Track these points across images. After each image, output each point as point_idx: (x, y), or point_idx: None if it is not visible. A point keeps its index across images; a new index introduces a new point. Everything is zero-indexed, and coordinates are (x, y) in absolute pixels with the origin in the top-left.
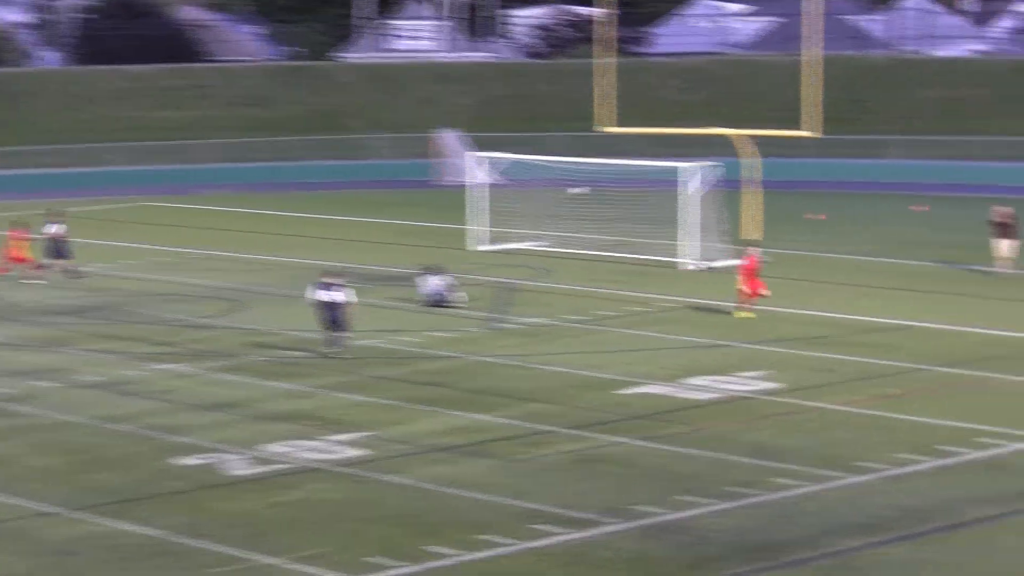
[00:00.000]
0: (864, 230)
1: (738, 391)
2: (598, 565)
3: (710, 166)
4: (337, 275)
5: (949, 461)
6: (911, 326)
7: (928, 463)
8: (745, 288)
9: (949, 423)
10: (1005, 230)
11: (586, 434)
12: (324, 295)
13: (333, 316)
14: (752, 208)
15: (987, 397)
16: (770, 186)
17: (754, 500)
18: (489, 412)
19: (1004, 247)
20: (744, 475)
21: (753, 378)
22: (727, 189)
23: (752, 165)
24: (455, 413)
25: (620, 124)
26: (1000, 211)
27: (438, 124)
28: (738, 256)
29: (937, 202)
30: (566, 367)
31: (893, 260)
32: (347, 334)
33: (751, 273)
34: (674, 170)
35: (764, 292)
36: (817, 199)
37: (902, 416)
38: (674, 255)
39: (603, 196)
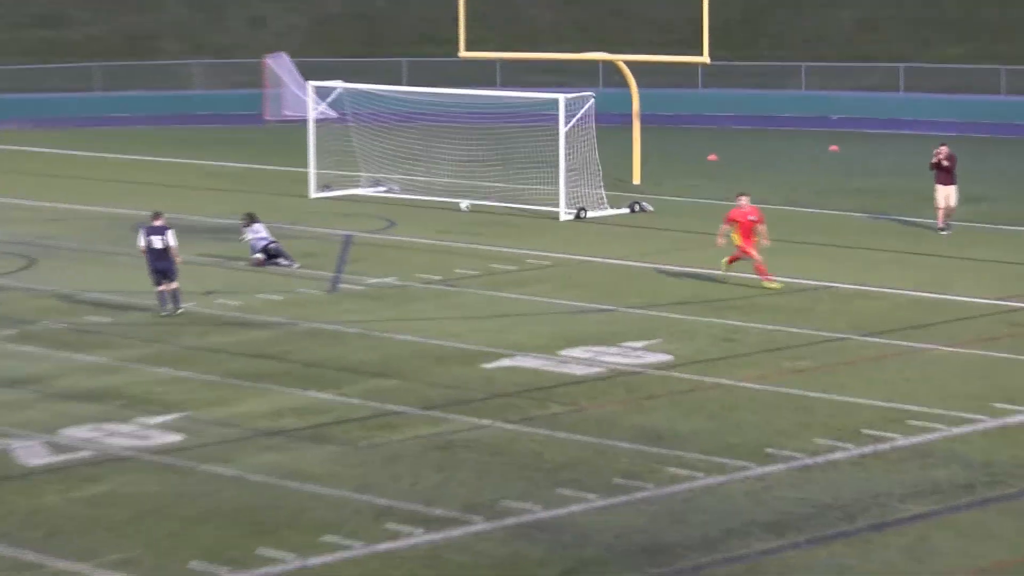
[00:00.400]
0: (768, 174)
1: (624, 365)
2: (459, 570)
3: (583, 96)
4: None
5: (874, 448)
6: (828, 288)
7: (849, 451)
8: (745, 248)
9: (874, 403)
10: (949, 175)
11: (445, 416)
12: (157, 241)
13: (166, 266)
14: (636, 148)
15: (918, 372)
16: (656, 121)
17: (643, 495)
18: (329, 389)
19: (950, 196)
20: (632, 465)
21: (642, 349)
22: (610, 125)
23: (635, 96)
24: (289, 391)
25: (481, 48)
26: (944, 152)
27: (269, 48)
28: (740, 206)
29: (852, 140)
30: (420, 336)
31: (805, 209)
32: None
33: (749, 228)
34: (544, 102)
35: (752, 253)
36: (711, 137)
37: (818, 394)
38: (547, 203)
39: (462, 134)
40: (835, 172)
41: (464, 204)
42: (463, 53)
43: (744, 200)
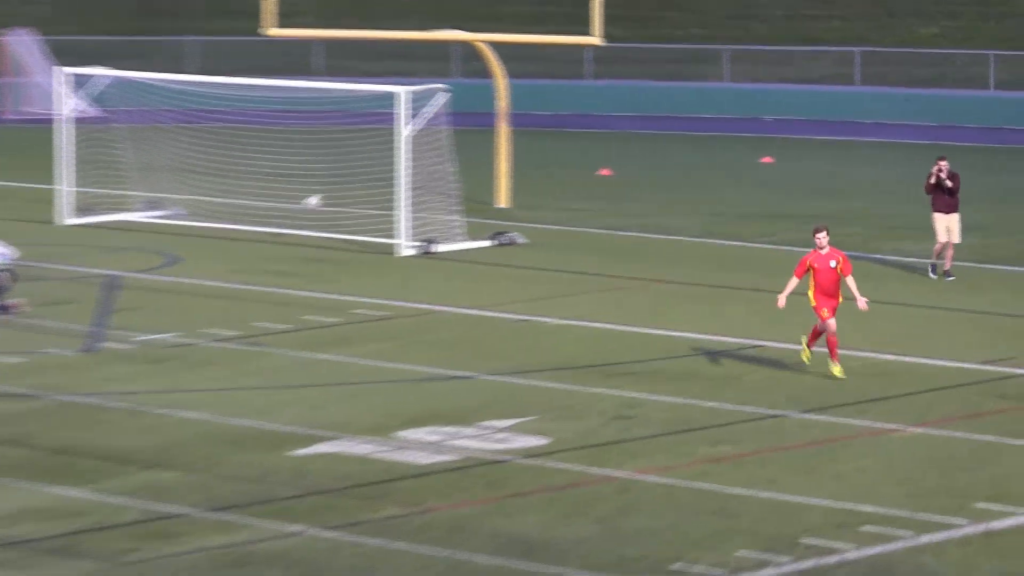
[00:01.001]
0: (680, 195)
1: (485, 451)
2: None
3: (432, 90)
4: None
5: (816, 562)
6: (760, 348)
7: (784, 566)
8: (818, 309)
9: (817, 502)
10: (951, 199)
11: (242, 520)
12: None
13: None
14: (503, 159)
15: (877, 461)
16: (530, 123)
17: None
18: (85, 485)
19: (953, 227)
20: None
21: (508, 430)
22: (469, 127)
23: (502, 89)
24: (30, 487)
25: (295, 24)
26: (946, 168)
27: (5, 23)
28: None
29: (793, 149)
30: (210, 412)
31: (729, 243)
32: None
33: (832, 283)
34: (379, 97)
35: (825, 315)
36: (603, 145)
37: (744, 491)
38: (383, 232)
39: (270, 139)
40: (770, 191)
41: (313, 200)
42: (271, 31)
43: (823, 237)
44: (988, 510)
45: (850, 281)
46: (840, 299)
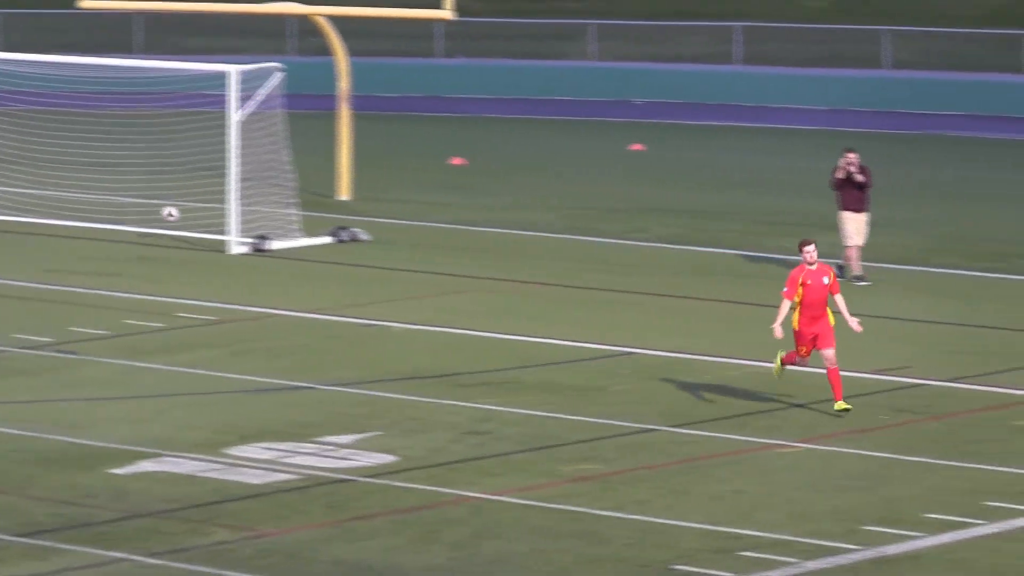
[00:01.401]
0: (541, 185)
1: (325, 470)
2: None
3: (266, 69)
4: None
5: None
6: (630, 356)
7: None
8: (808, 338)
9: (692, 526)
10: (862, 196)
11: (55, 546)
12: None
13: None
14: (345, 147)
15: (759, 481)
16: (375, 106)
17: None
18: None
19: (862, 227)
20: None
21: (351, 447)
22: (307, 111)
23: (344, 69)
24: None
25: None
26: (856, 162)
27: None
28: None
29: (665, 135)
30: (17, 427)
31: (595, 239)
32: None
33: (820, 302)
34: (206, 77)
35: (803, 353)
36: (455, 130)
37: (611, 514)
38: (212, 228)
39: (81, 123)
40: (640, 182)
41: (167, 211)
42: (84, 3)
43: (813, 252)
44: (879, 533)
45: (839, 300)
46: (829, 321)
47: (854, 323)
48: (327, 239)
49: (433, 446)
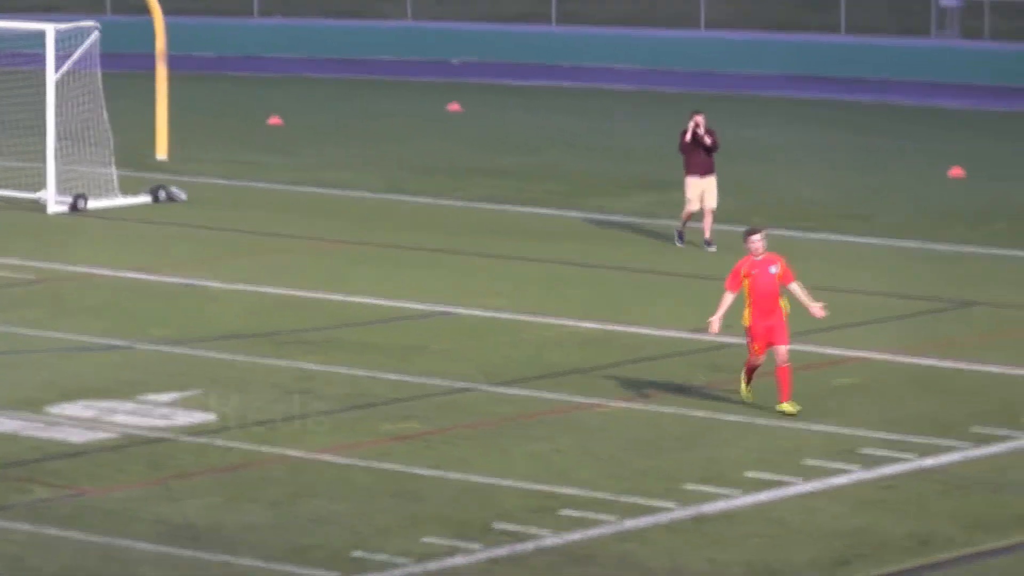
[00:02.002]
0: (360, 145)
1: (145, 428)
2: None
3: (83, 28)
4: None
5: (511, 549)
6: (448, 315)
7: (475, 553)
8: (760, 336)
9: (510, 484)
10: (708, 159)
11: None
12: None
13: None
14: (162, 106)
15: (577, 439)
16: (192, 66)
17: None
18: None
19: (708, 191)
20: None
21: (171, 405)
22: (123, 71)
23: (160, 28)
24: None
25: None
26: (704, 124)
27: None
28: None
29: (484, 95)
30: None
31: (414, 198)
32: None
33: (771, 296)
34: (22, 36)
35: (756, 350)
36: (271, 89)
37: (431, 472)
38: (28, 186)
39: None
40: (459, 142)
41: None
42: None
43: (758, 241)
44: (698, 492)
45: (795, 288)
46: (783, 315)
47: (816, 308)
48: (145, 198)
49: (253, 405)
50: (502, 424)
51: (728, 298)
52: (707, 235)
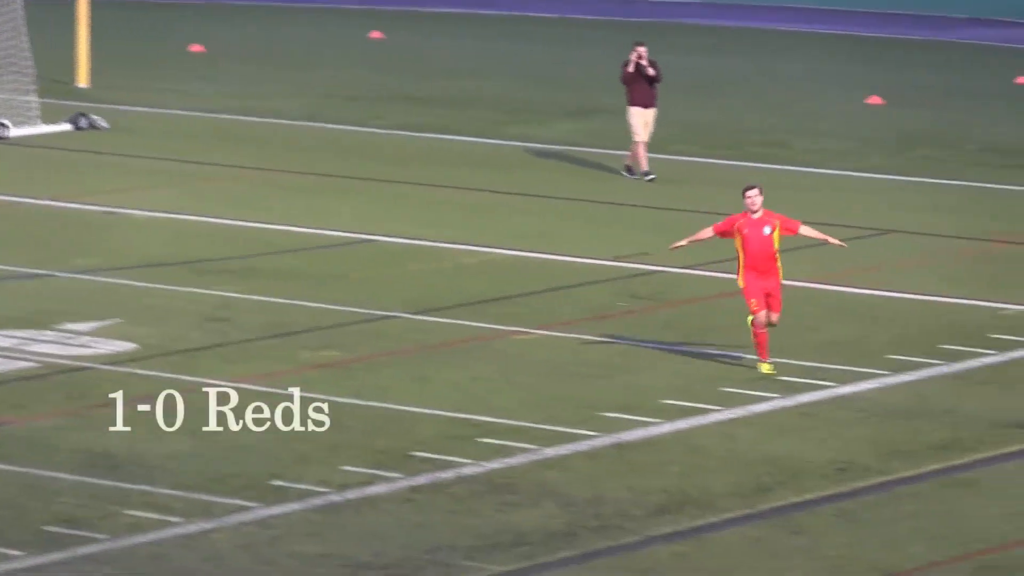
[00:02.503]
0: (280, 72)
1: (64, 358)
2: None
3: None
4: None
5: (431, 478)
6: (369, 243)
7: (396, 482)
8: (749, 293)
9: (430, 412)
10: (651, 90)
11: None
12: None
13: None
14: (83, 33)
15: (496, 367)
16: None
17: (90, 549)
18: None
19: (651, 122)
20: (76, 506)
21: (90, 335)
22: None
23: None
24: None
25: None
26: (646, 55)
27: None
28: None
29: (405, 24)
30: None
31: (336, 126)
32: None
33: (767, 256)
34: None
35: (754, 306)
36: (194, 17)
37: (350, 400)
38: None
39: None
40: (380, 70)
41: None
42: None
43: (753, 196)
44: (617, 420)
45: (807, 231)
46: (779, 276)
47: (835, 241)
48: (66, 126)
49: (173, 333)
50: (422, 352)
51: (706, 233)
52: (644, 167)
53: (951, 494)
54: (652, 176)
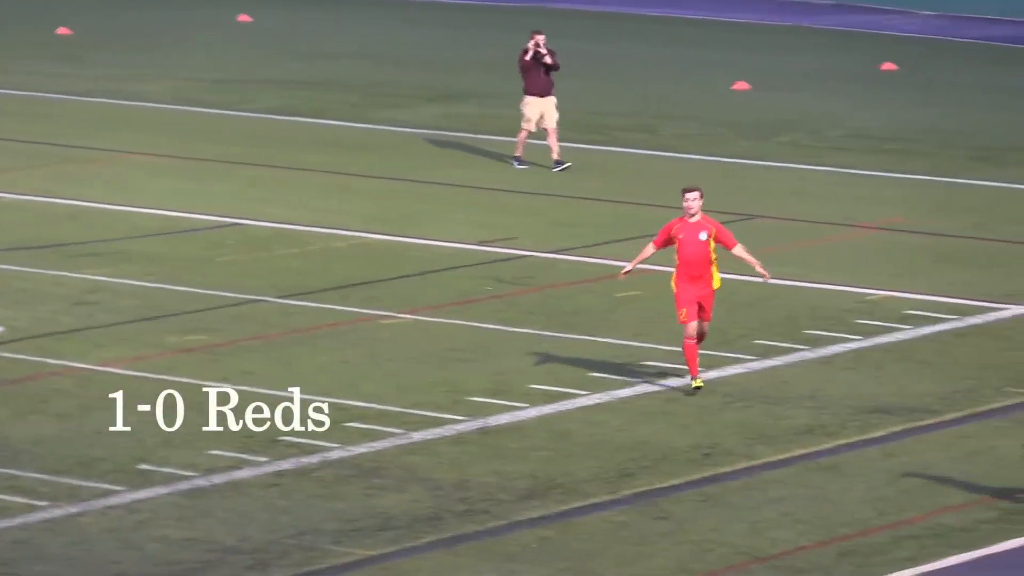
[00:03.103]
0: (147, 55)
1: None
2: None
3: None
4: None
5: (297, 462)
6: (236, 227)
7: (262, 466)
8: (679, 299)
9: (299, 397)
10: (548, 79)
11: None
12: None
13: None
14: None
15: (363, 351)
16: None
17: None
18: None
19: (548, 112)
20: None
21: None
22: None
23: None
24: None
25: None
26: (544, 43)
27: None
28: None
29: (275, 7)
30: None
31: (204, 110)
32: None
33: (702, 262)
34: None
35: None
36: (64, 1)
37: (216, 385)
38: None
39: None
40: (248, 53)
41: None
42: None
43: (691, 200)
44: (484, 404)
45: (740, 252)
46: (715, 284)
47: (763, 271)
48: None
49: (40, 317)
50: (289, 336)
51: (648, 251)
52: (556, 155)
53: (815, 478)
54: (566, 165)
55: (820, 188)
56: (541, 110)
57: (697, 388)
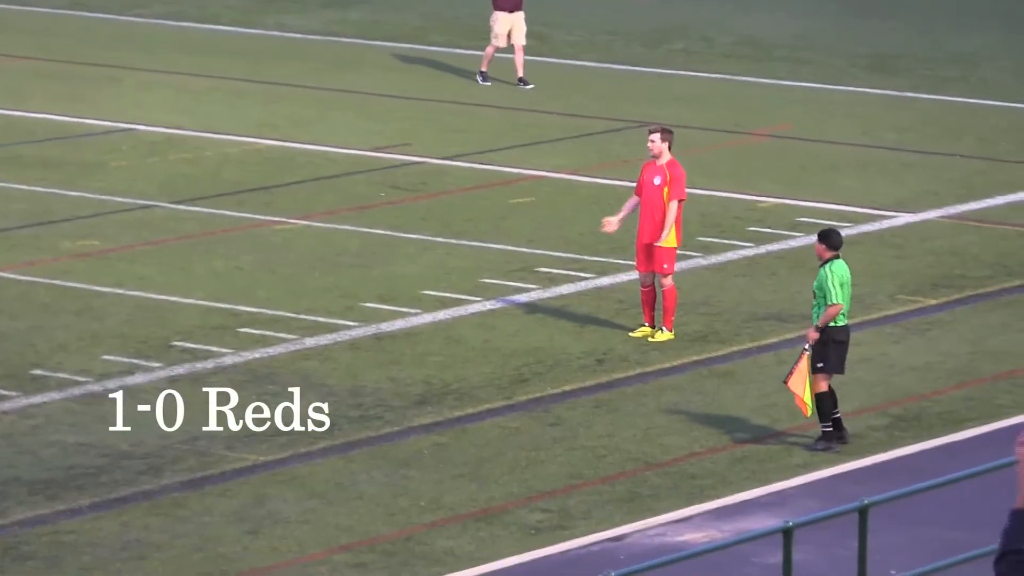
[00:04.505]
0: None
1: None
2: None
3: None
4: None
5: (193, 367)
6: (128, 132)
7: (155, 371)
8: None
9: (193, 302)
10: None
11: None
12: None
13: None
14: None
15: (257, 257)
16: None
17: None
18: None
19: (516, 27)
20: None
21: None
22: None
23: None
24: None
25: None
26: None
27: None
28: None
29: None
30: None
31: (95, 15)
32: None
33: (654, 206)
34: None
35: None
36: None
37: (112, 290)
38: None
39: None
40: None
41: None
42: None
43: (652, 141)
44: (377, 310)
45: (671, 211)
46: (664, 241)
47: (660, 242)
48: None
49: None
50: (183, 242)
51: (632, 202)
52: (520, 73)
53: (708, 385)
54: (529, 85)
55: (710, 95)
56: (510, 25)
57: (643, 338)
